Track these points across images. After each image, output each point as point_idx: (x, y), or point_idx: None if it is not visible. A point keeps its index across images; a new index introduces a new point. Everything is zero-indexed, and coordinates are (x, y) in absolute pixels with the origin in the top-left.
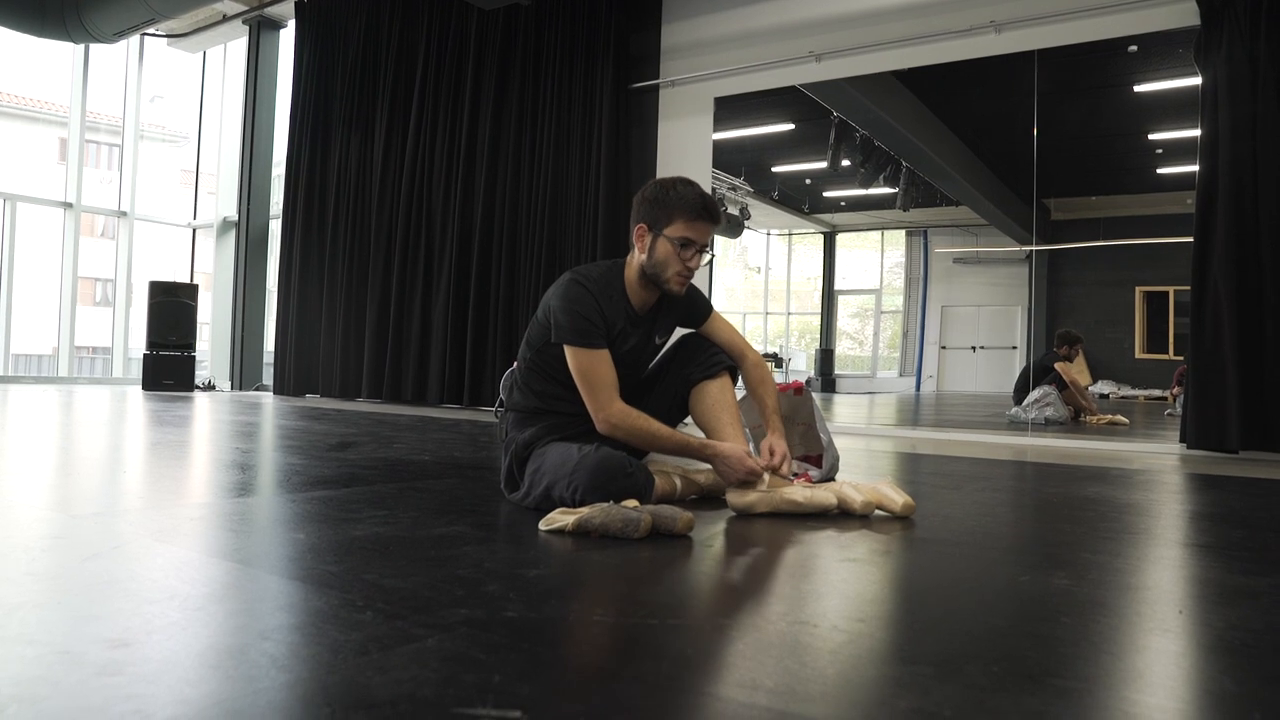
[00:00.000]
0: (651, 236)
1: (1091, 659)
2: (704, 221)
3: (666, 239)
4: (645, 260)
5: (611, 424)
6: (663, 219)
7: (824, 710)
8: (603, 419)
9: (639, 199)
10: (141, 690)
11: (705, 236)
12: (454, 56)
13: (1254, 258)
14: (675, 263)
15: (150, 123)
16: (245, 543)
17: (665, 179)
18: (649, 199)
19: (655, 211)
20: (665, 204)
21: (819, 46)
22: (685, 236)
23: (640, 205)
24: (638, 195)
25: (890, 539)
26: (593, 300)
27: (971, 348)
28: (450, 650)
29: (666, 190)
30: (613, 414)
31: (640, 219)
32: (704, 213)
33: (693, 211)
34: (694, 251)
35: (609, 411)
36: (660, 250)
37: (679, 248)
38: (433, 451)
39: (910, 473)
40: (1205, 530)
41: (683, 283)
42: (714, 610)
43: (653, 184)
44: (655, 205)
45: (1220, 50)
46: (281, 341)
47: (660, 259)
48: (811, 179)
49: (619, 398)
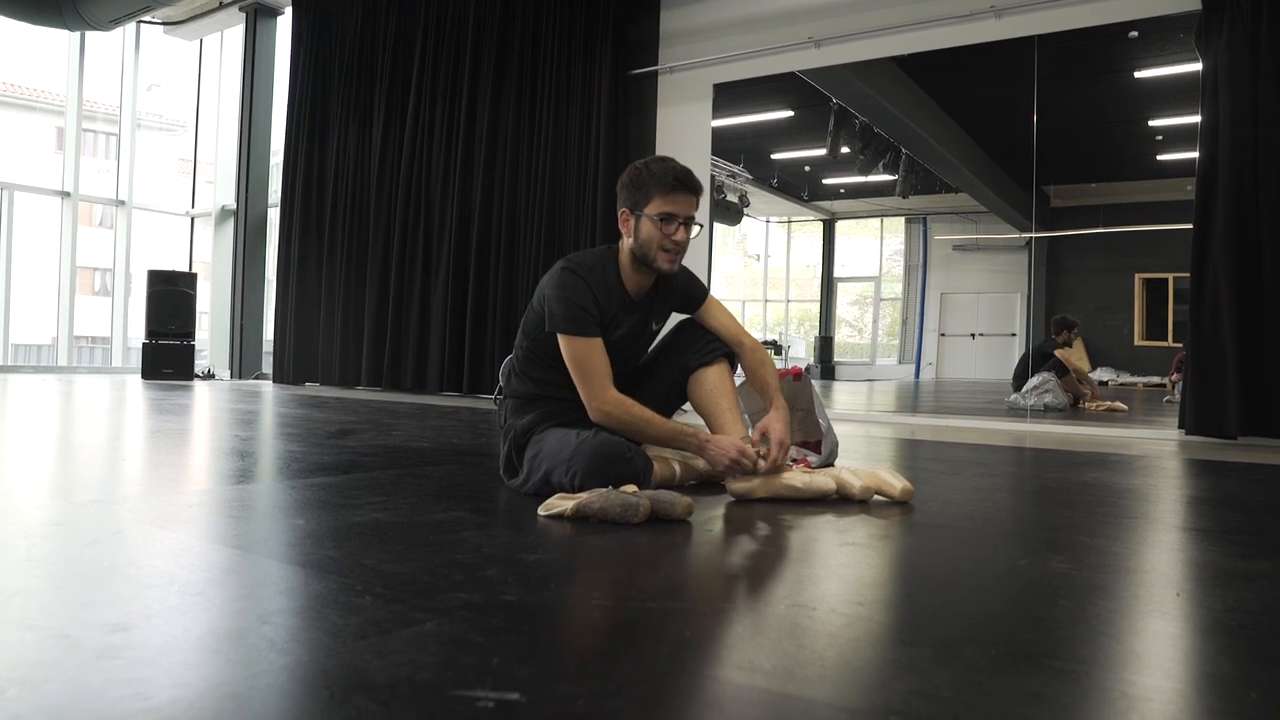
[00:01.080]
0: (634, 219)
1: (1089, 641)
2: (681, 193)
3: (648, 218)
4: (633, 244)
5: (604, 412)
6: (641, 199)
7: (823, 692)
8: (595, 407)
9: (619, 186)
10: (141, 674)
11: (687, 209)
12: (452, 42)
13: (1254, 244)
14: (660, 238)
15: (147, 111)
16: (245, 528)
17: (640, 161)
18: (625, 183)
19: (634, 194)
20: (641, 184)
21: (818, 32)
22: (664, 211)
23: (620, 191)
24: (618, 183)
25: (889, 524)
26: (586, 288)
27: (971, 335)
28: (449, 634)
29: (640, 171)
30: (606, 402)
31: (622, 204)
32: (680, 185)
33: (668, 185)
34: (677, 225)
35: (602, 399)
36: (644, 230)
37: (661, 224)
38: (432, 438)
39: (909, 458)
40: (1203, 515)
41: (671, 259)
42: (713, 594)
43: (629, 168)
44: (632, 187)
45: (1221, 35)
46: (281, 330)
47: (645, 239)
48: (811, 166)
49: (612, 386)
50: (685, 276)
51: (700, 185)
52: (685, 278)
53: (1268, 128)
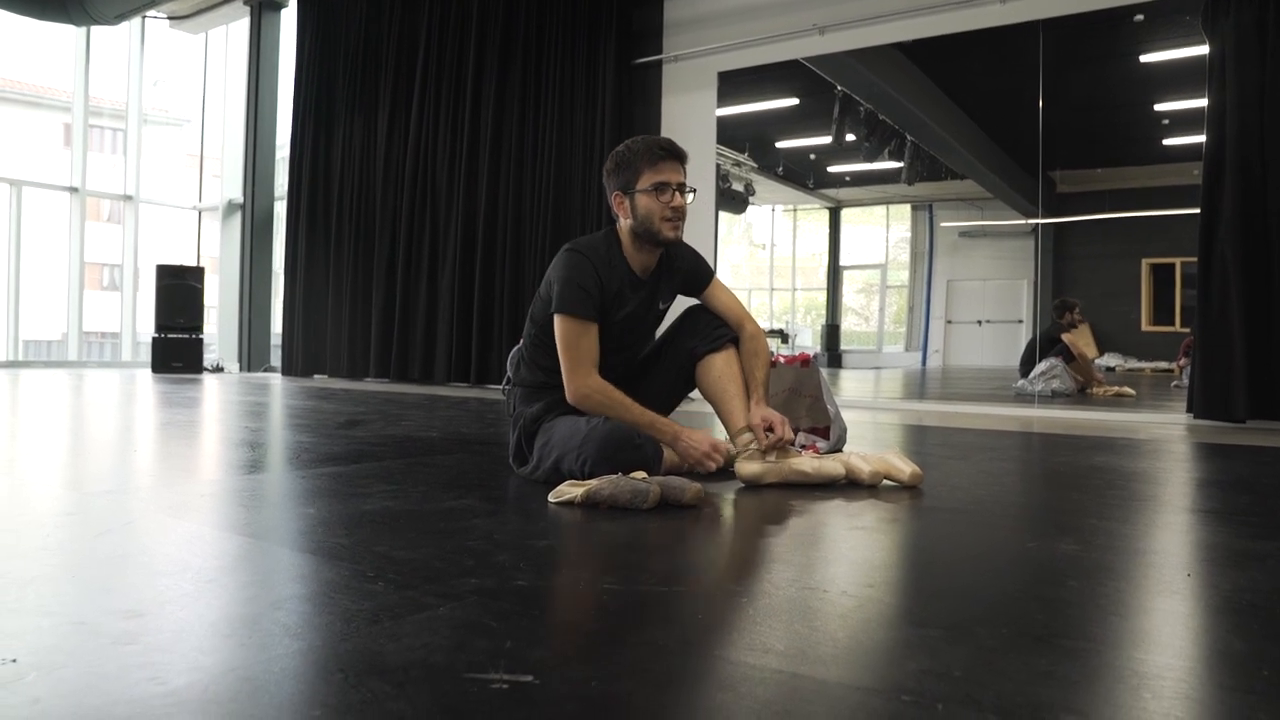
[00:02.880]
0: (629, 199)
1: (1099, 621)
2: (668, 161)
3: (642, 193)
4: (633, 223)
5: (582, 394)
6: (631, 178)
7: (835, 672)
8: (575, 388)
9: (605, 175)
10: (156, 659)
11: (677, 175)
12: (457, 33)
13: (1261, 228)
14: (659, 208)
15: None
16: (256, 517)
17: (618, 146)
18: (611, 169)
19: (622, 175)
20: (627, 164)
21: (822, 19)
22: (657, 181)
23: (608, 179)
24: (604, 173)
25: (898, 508)
26: (591, 268)
27: (977, 322)
28: (462, 618)
29: (623, 153)
30: (586, 385)
31: (613, 189)
32: (665, 153)
33: (655, 156)
34: (671, 191)
35: (583, 382)
36: (642, 206)
37: (656, 194)
38: (441, 428)
39: (917, 444)
40: (1212, 496)
41: (675, 227)
42: (723, 577)
43: (609, 156)
44: (620, 170)
45: (1228, 17)
46: (289, 323)
47: (645, 213)
48: (816, 154)
49: (596, 373)
50: (691, 255)
51: (684, 152)
52: (692, 256)
53: (1275, 110)
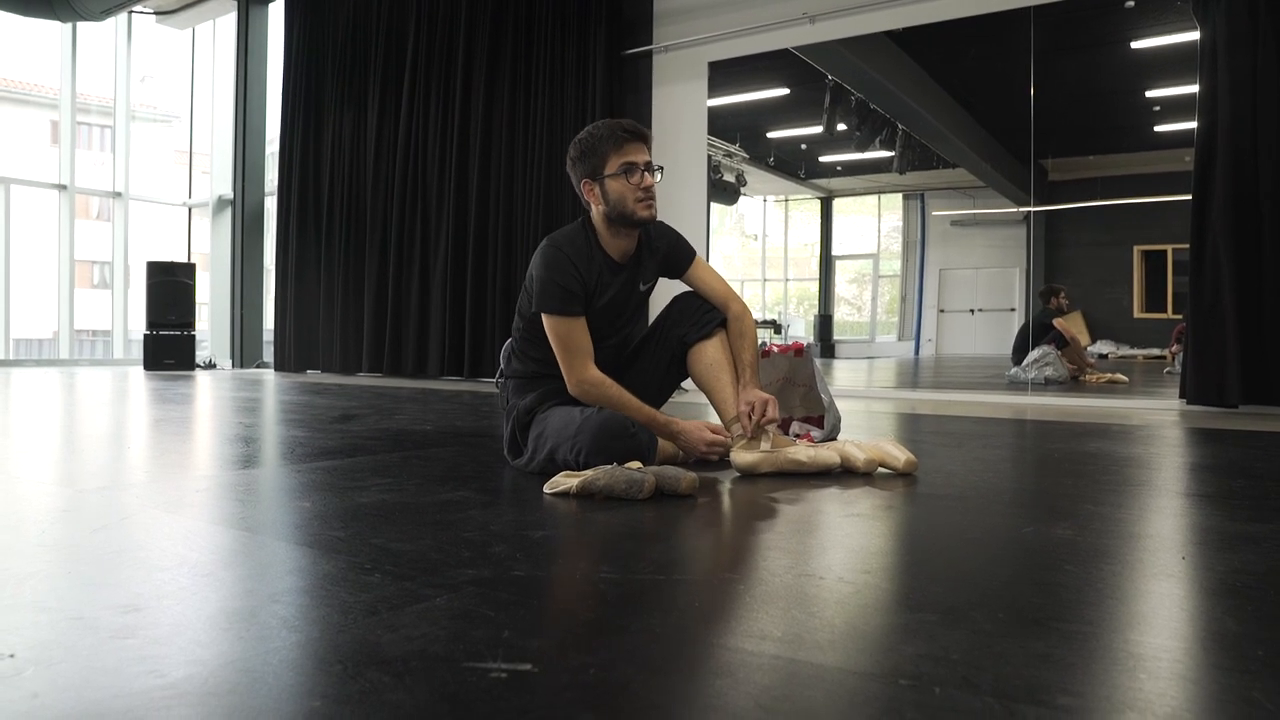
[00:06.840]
0: (599, 185)
1: (1096, 604)
2: (633, 142)
3: (611, 178)
4: (606, 209)
5: (582, 389)
6: (598, 164)
7: (833, 657)
8: (574, 382)
9: (569, 165)
10: (154, 652)
11: (643, 155)
12: (446, 25)
13: (1253, 214)
14: (630, 190)
15: (141, 102)
16: (252, 511)
17: (579, 134)
18: (575, 157)
19: (589, 162)
20: (593, 149)
21: (813, 7)
22: (624, 163)
23: (573, 169)
24: (567, 164)
25: (893, 495)
26: (569, 263)
27: (970, 310)
28: (459, 608)
29: (586, 139)
30: (585, 378)
31: (581, 177)
32: (629, 135)
33: (619, 139)
34: (640, 171)
35: (581, 375)
36: (613, 190)
37: (626, 176)
38: (435, 421)
39: (911, 432)
40: (1206, 481)
41: (649, 206)
42: (720, 565)
43: (571, 146)
44: (585, 158)
45: (1219, 2)
46: (281, 318)
47: (617, 197)
48: (807, 144)
49: (593, 365)
50: (670, 234)
51: (647, 131)
52: (670, 235)
53: (1267, 94)
